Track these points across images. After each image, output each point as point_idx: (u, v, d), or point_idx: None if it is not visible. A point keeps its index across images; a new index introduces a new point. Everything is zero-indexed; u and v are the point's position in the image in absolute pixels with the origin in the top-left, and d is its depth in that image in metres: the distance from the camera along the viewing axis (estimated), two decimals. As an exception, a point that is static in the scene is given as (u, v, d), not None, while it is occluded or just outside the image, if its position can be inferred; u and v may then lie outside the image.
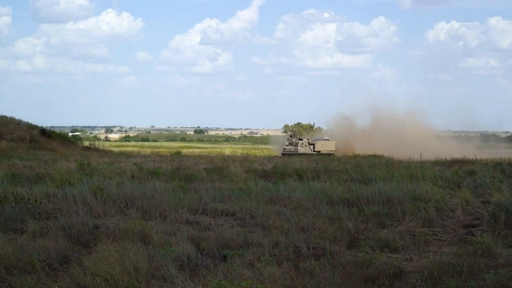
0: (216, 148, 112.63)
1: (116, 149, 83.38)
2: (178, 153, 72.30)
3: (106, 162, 42.05)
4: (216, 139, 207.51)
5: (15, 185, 24.95)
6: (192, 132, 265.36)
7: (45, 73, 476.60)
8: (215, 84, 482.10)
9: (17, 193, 18.13)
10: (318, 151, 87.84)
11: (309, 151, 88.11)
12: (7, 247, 12.77)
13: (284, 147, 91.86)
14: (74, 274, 11.49)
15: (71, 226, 15.56)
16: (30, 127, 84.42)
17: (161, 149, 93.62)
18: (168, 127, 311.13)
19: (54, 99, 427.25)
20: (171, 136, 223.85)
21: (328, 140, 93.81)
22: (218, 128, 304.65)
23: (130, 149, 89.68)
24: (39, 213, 17.67)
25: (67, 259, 12.87)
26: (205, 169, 35.23)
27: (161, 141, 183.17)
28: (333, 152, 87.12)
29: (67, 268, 12.21)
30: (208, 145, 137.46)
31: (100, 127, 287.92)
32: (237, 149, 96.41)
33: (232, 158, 51.53)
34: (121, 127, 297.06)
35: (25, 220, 16.75)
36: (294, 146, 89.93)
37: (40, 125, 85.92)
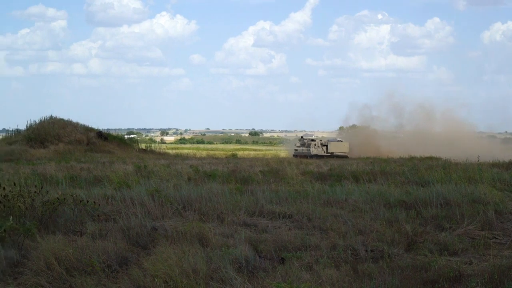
0: (271, 150, 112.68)
1: (172, 152, 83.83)
2: (234, 155, 72.50)
3: (162, 165, 42.28)
4: (271, 141, 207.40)
5: (73, 187, 25.27)
6: (247, 134, 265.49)
7: (100, 76, 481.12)
8: (269, 86, 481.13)
9: (76, 195, 18.29)
10: (332, 153, 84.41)
11: (322, 153, 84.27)
12: (67, 248, 12.89)
13: (296, 148, 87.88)
14: (134, 275, 11.58)
15: (129, 228, 15.67)
16: (87, 129, 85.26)
17: (217, 152, 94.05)
18: (223, 129, 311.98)
19: (110, 102, 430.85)
20: (226, 138, 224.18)
21: (342, 141, 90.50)
22: (273, 130, 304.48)
23: (185, 151, 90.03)
24: (98, 215, 17.84)
25: (126, 261, 12.95)
26: (261, 171, 35.27)
27: (216, 143, 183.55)
28: (346, 154, 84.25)
29: (126, 269, 12.30)
30: (263, 147, 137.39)
31: (156, 129, 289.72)
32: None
33: (288, 160, 51.52)
34: (176, 129, 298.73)
35: (84, 222, 16.91)
36: (307, 147, 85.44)
37: (96, 128, 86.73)
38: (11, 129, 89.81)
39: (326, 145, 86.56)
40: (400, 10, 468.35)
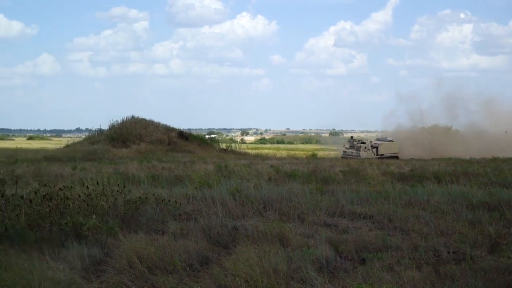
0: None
1: (252, 151, 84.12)
2: (314, 155, 72.28)
3: (243, 164, 42.42)
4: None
5: (155, 187, 25.55)
6: (327, 135, 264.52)
7: (181, 76, 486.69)
8: (350, 86, 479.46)
9: (157, 195, 18.50)
10: (381, 155, 79.28)
11: (372, 155, 78.65)
12: (149, 247, 13.01)
13: (345, 150, 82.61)
14: (215, 274, 11.63)
15: (210, 227, 15.75)
16: (168, 129, 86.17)
17: (297, 152, 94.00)
18: (303, 129, 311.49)
19: (190, 102, 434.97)
20: (306, 138, 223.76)
21: (392, 141, 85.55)
22: (354, 130, 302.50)
23: (265, 151, 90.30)
24: (179, 214, 17.99)
25: (207, 260, 13.02)
26: (341, 171, 35.13)
27: (297, 143, 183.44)
28: (396, 154, 79.99)
29: (207, 268, 12.36)
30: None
31: (236, 129, 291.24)
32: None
33: (369, 161, 51.18)
34: (257, 129, 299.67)
35: (166, 221, 17.08)
36: (356, 150, 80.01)
37: (177, 128, 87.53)
38: (94, 129, 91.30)
39: (376, 147, 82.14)
40: (483, 9, 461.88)
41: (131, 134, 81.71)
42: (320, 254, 13.03)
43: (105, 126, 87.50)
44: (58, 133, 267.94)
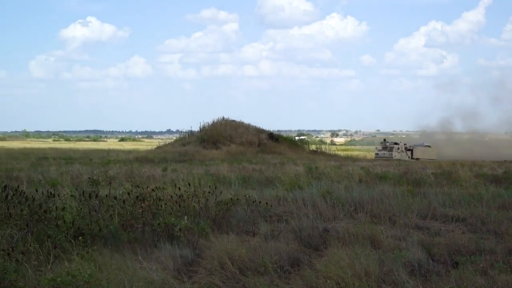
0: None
1: (342, 153, 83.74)
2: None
3: (333, 166, 42.33)
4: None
5: (245, 188, 25.68)
6: (417, 136, 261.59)
7: (271, 77, 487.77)
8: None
9: (248, 196, 18.56)
10: (417, 159, 76.97)
11: (406, 158, 77.08)
12: (240, 248, 13.05)
13: (377, 151, 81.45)
14: (306, 276, 11.60)
15: (301, 229, 15.73)
16: (258, 131, 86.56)
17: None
18: (394, 130, 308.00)
19: (280, 103, 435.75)
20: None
21: (429, 146, 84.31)
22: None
23: (356, 153, 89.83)
24: (270, 216, 18.01)
25: (298, 262, 12.99)
26: (433, 173, 34.72)
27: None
28: (434, 160, 74.95)
29: (298, 270, 12.33)
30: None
31: (326, 131, 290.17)
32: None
33: (461, 163, 50.41)
34: (346, 130, 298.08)
35: (257, 223, 17.12)
36: (389, 151, 78.94)
37: (267, 129, 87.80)
38: (184, 131, 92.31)
39: (411, 150, 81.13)
40: None
41: (221, 135, 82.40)
42: (412, 257, 12.87)
43: (195, 128, 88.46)
44: (149, 134, 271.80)
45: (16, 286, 9.60)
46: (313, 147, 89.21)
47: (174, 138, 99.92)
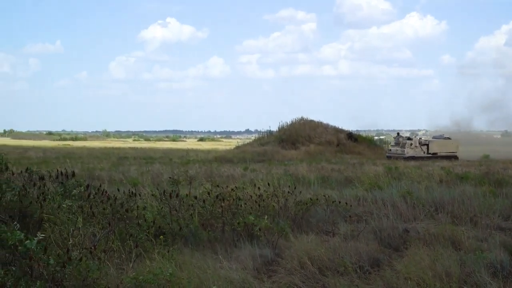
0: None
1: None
2: (486, 157, 70.29)
3: (413, 166, 41.96)
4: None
5: (325, 188, 25.66)
6: (499, 136, 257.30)
7: (349, 77, 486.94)
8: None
9: (327, 196, 18.52)
10: (434, 153, 71.58)
11: (421, 154, 71.30)
12: (320, 248, 13.05)
13: (390, 148, 75.60)
14: (386, 277, 11.52)
15: (381, 229, 15.66)
16: (337, 131, 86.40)
17: (467, 153, 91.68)
18: (482, 131, 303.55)
19: (358, 103, 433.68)
20: (473, 139, 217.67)
21: (449, 139, 77.15)
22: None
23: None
24: (349, 216, 17.93)
25: (377, 262, 12.91)
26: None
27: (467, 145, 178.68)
28: (454, 153, 72.47)
29: (378, 271, 12.25)
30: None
31: (405, 130, 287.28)
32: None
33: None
34: (426, 130, 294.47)
35: (336, 223, 17.08)
36: (401, 147, 72.15)
37: (346, 129, 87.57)
38: (263, 130, 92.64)
39: (427, 144, 74.11)
40: None
41: (300, 135, 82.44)
42: (494, 258, 12.66)
43: (274, 128, 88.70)
44: (227, 134, 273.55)
45: (99, 284, 9.73)
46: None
47: (253, 138, 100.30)
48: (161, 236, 12.92)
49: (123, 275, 10.52)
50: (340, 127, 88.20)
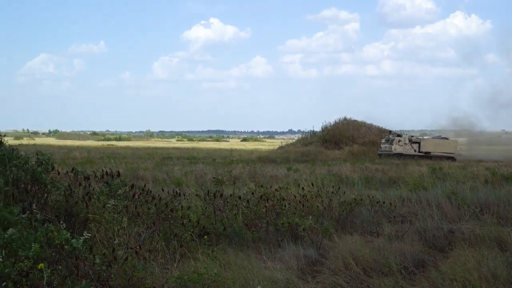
0: None
1: (465, 153, 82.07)
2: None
3: (457, 166, 41.65)
4: None
5: (369, 188, 25.56)
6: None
7: (392, 77, 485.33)
8: None
9: (372, 196, 18.45)
10: (427, 152, 71.12)
11: (411, 152, 71.04)
12: (364, 249, 13.00)
13: (380, 145, 74.68)
14: (431, 278, 11.44)
15: (426, 230, 15.56)
16: (381, 131, 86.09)
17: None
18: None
19: (402, 103, 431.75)
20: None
21: (447, 139, 77.13)
22: None
23: (480, 153, 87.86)
24: (394, 217, 17.88)
25: (422, 263, 12.84)
26: None
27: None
28: (451, 154, 71.11)
29: (423, 272, 12.18)
30: None
31: (449, 130, 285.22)
32: None
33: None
34: (470, 130, 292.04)
35: (381, 223, 17.01)
36: (390, 144, 72.32)
37: (389, 129, 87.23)
38: (306, 131, 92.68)
39: (418, 142, 73.73)
40: None
41: (343, 135, 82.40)
42: (543, 260, 12.53)
43: (317, 128, 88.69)
44: (271, 134, 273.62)
45: (144, 284, 9.80)
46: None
47: (296, 138, 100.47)
48: (205, 236, 12.96)
49: (168, 275, 10.57)
50: (383, 127, 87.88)
